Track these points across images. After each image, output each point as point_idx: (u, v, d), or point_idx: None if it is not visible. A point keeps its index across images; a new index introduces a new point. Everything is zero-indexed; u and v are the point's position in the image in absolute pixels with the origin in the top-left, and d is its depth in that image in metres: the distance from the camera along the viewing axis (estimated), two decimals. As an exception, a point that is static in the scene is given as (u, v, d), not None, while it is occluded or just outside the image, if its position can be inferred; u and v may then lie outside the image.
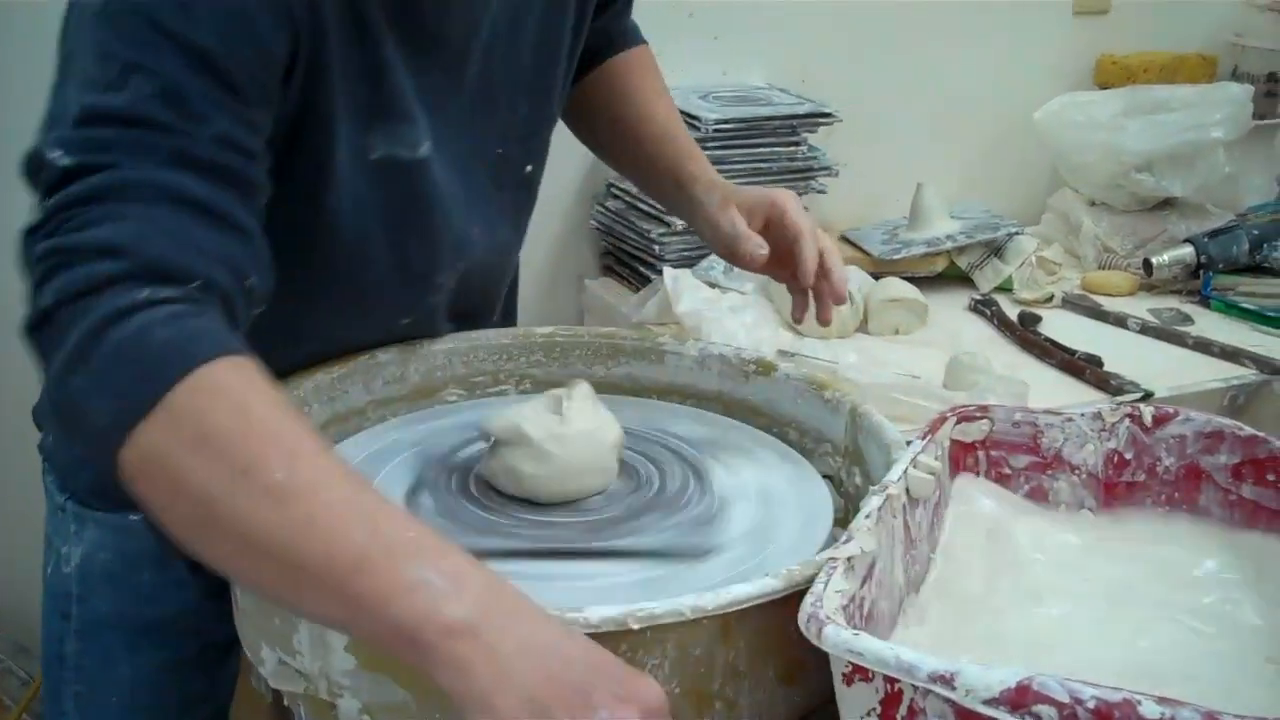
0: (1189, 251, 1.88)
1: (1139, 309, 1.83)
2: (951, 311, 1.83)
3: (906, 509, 0.82)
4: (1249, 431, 0.87)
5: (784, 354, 1.50)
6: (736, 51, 1.97)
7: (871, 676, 0.63)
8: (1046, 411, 0.92)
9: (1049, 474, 0.91)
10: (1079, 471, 0.91)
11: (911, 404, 1.37)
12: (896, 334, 1.73)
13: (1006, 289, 1.88)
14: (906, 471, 0.82)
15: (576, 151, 1.20)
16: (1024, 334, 1.72)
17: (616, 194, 1.86)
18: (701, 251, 1.77)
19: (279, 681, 0.76)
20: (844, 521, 0.88)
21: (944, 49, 2.09)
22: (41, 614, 1.05)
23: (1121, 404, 0.93)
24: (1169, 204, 2.01)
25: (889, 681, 0.62)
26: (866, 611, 0.72)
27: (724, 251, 1.08)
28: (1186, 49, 2.25)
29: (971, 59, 2.12)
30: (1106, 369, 1.60)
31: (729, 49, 1.96)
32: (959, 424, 0.90)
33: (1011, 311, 1.80)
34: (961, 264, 1.90)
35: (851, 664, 0.63)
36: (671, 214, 1.46)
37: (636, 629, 0.67)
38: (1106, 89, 2.13)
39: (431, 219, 0.96)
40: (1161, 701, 0.55)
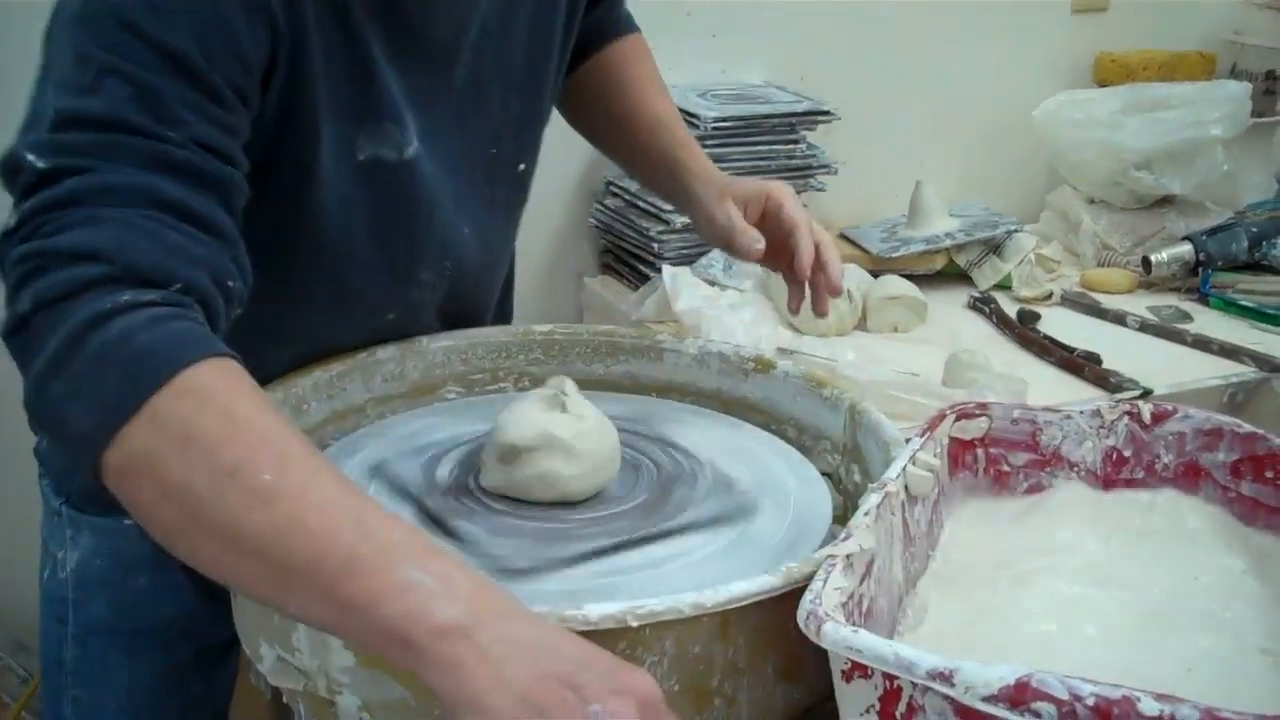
0: (1188, 249, 1.88)
1: (1138, 306, 1.84)
2: (950, 309, 1.83)
3: (905, 506, 0.82)
4: (1248, 429, 0.87)
5: (783, 351, 1.50)
6: (735, 50, 1.96)
7: (871, 673, 0.63)
8: (1045, 409, 0.92)
9: (1048, 471, 0.91)
10: (1078, 469, 0.91)
11: (910, 401, 1.37)
12: (895, 331, 1.73)
13: (1005, 286, 1.88)
14: (905, 469, 0.82)
15: (575, 149, 1.20)
16: (1023, 331, 1.72)
17: (615, 192, 1.86)
18: (700, 249, 1.76)
19: (278, 679, 0.76)
20: (843, 519, 0.88)
21: (943, 46, 2.09)
22: (39, 619, 1.05)
23: (1120, 401, 0.93)
24: (1168, 201, 2.01)
25: (888, 678, 0.62)
26: (865, 609, 0.73)
27: (720, 244, 1.08)
28: (1185, 47, 2.25)
29: (970, 56, 2.12)
30: (1105, 366, 1.60)
31: (727, 47, 1.96)
32: (958, 421, 0.90)
33: (1010, 309, 1.81)
34: (960, 262, 1.91)
35: (851, 661, 0.63)
36: (666, 204, 1.46)
37: (636, 626, 0.67)
38: (1105, 86, 2.13)
39: (418, 219, 0.95)
40: (1160, 698, 0.56)
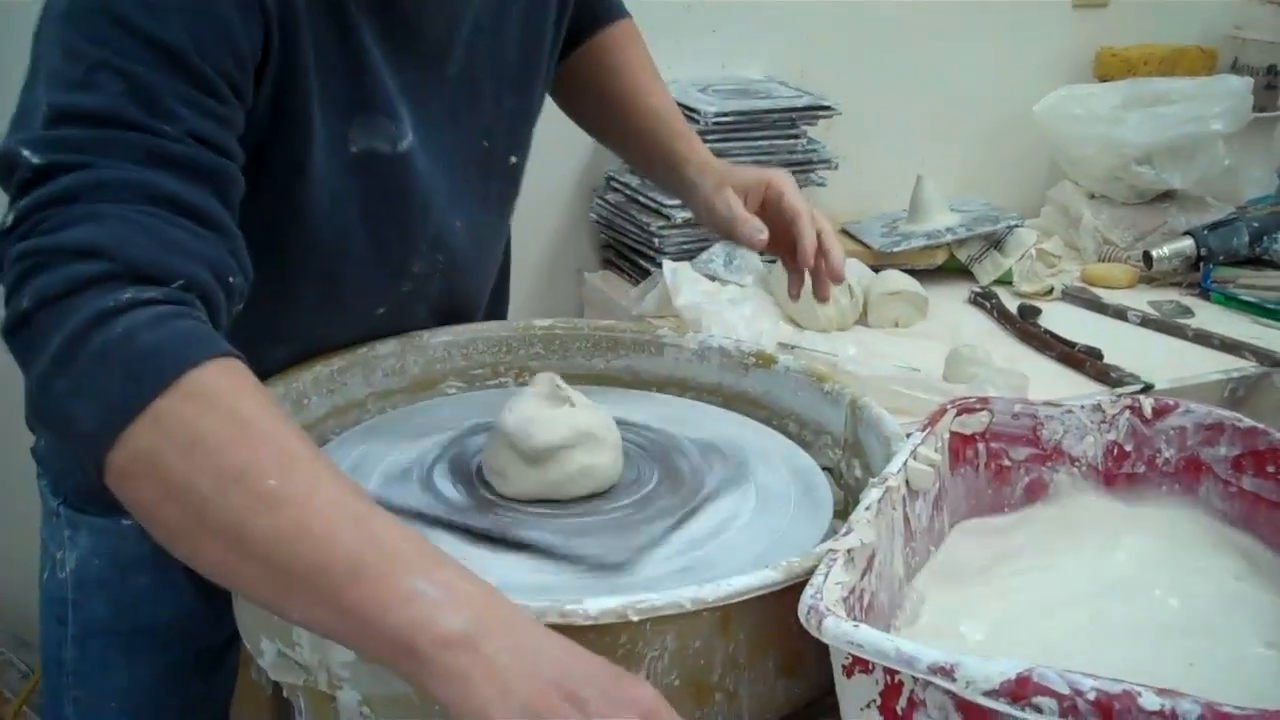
0: (1189, 244, 1.88)
1: (1139, 301, 1.83)
2: (951, 304, 1.83)
3: (906, 501, 0.82)
4: (1249, 423, 0.87)
5: (784, 346, 1.49)
6: (735, 46, 1.96)
7: (872, 668, 0.63)
8: (1046, 404, 0.92)
9: (1049, 466, 0.91)
10: (1079, 463, 0.91)
11: (911, 396, 1.37)
12: (896, 326, 1.73)
13: (1006, 282, 1.88)
14: (906, 464, 0.82)
15: (576, 144, 1.20)
16: (1024, 326, 1.72)
17: (616, 187, 1.86)
18: (701, 244, 1.76)
19: (279, 673, 0.76)
20: (844, 514, 0.88)
21: (943, 41, 2.09)
22: (39, 619, 1.05)
23: (1121, 396, 0.93)
24: (1169, 196, 2.00)
25: (889, 673, 0.62)
26: (866, 603, 0.73)
27: (721, 233, 1.08)
28: (1186, 41, 2.24)
29: (971, 51, 2.12)
30: (1106, 361, 1.59)
31: (728, 43, 1.95)
32: (959, 416, 0.90)
33: (1011, 304, 1.80)
34: (961, 257, 1.90)
35: (851, 656, 0.63)
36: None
37: (636, 621, 0.67)
38: (1106, 81, 2.12)
39: (411, 211, 0.95)
40: (1161, 693, 0.56)
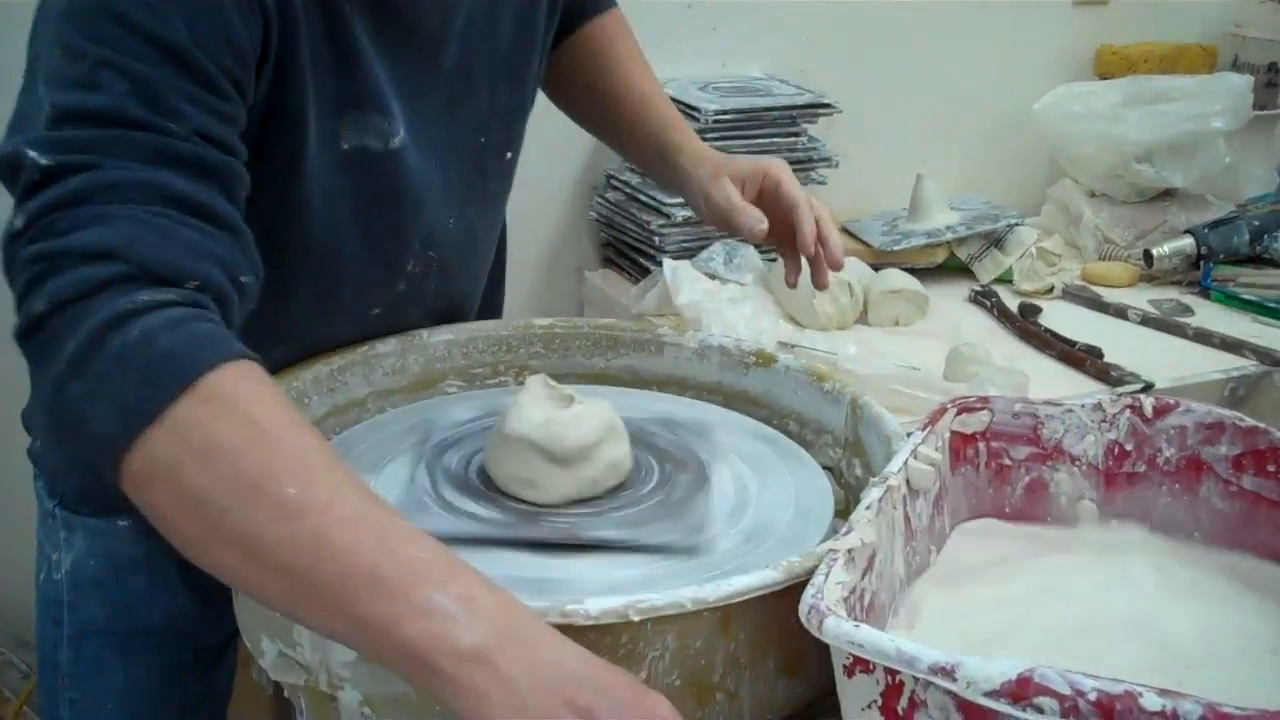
0: (1189, 242, 1.87)
1: (1139, 300, 1.83)
2: (951, 303, 1.82)
3: (907, 500, 0.82)
4: (1250, 422, 0.87)
5: (784, 345, 1.49)
6: (736, 44, 1.96)
7: (872, 668, 0.63)
8: (1047, 403, 0.92)
9: (1049, 465, 0.91)
10: (1079, 463, 0.91)
11: (912, 395, 1.37)
12: (896, 325, 1.73)
13: (1006, 280, 1.88)
14: (907, 463, 0.82)
15: (576, 143, 1.19)
16: (1024, 325, 1.72)
17: (616, 185, 1.86)
18: (701, 243, 1.76)
19: (279, 673, 0.76)
20: (844, 513, 0.88)
21: (943, 39, 2.08)
22: (35, 621, 1.05)
23: (1122, 395, 0.93)
24: (1169, 195, 2.00)
25: (890, 673, 0.62)
26: (867, 603, 0.73)
27: (719, 224, 1.08)
28: (1186, 39, 2.24)
29: (971, 49, 2.12)
30: (1107, 360, 1.59)
31: (728, 42, 1.95)
32: (959, 415, 0.90)
33: (1012, 303, 1.80)
34: (961, 255, 1.90)
35: (852, 656, 0.63)
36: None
37: (637, 621, 0.67)
38: (1106, 79, 2.12)
39: (404, 209, 0.95)
40: (1163, 693, 0.55)
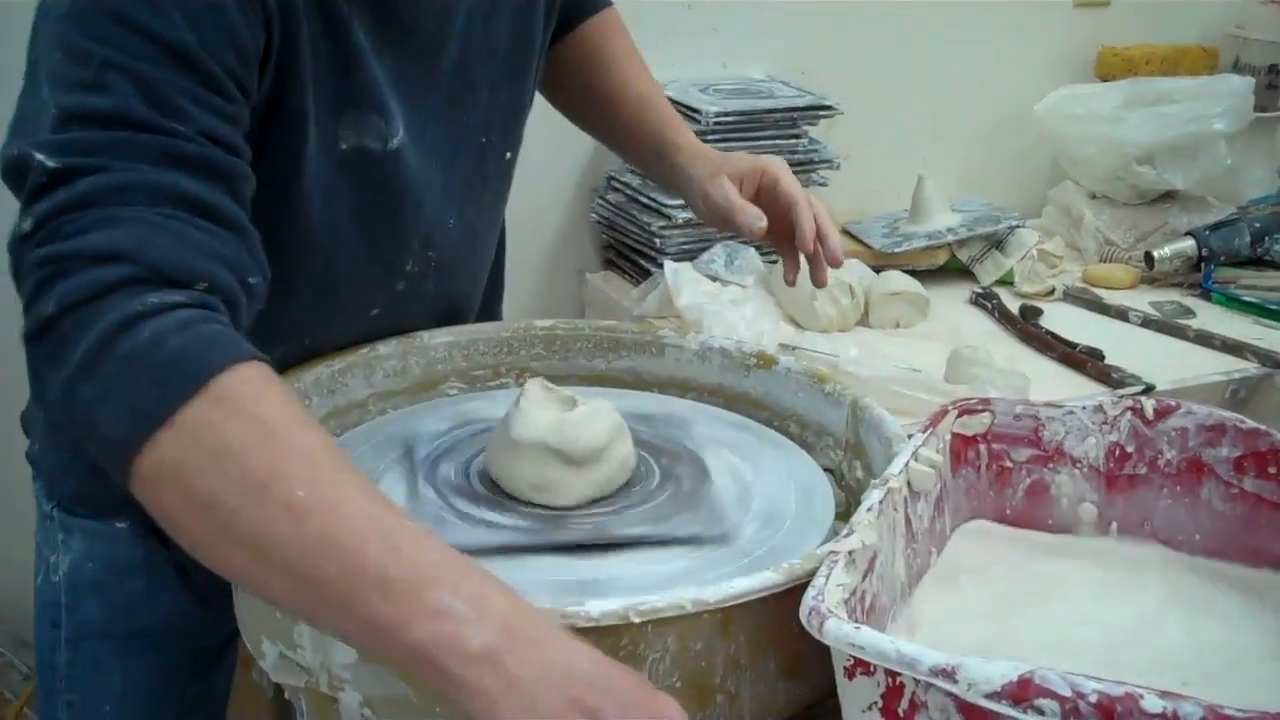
0: (1190, 244, 1.87)
1: (1140, 302, 1.83)
2: (952, 305, 1.82)
3: (908, 502, 0.82)
4: (1251, 424, 0.87)
5: (785, 347, 1.49)
6: (736, 45, 1.96)
7: (873, 670, 0.63)
8: (1048, 404, 0.92)
9: (1050, 467, 0.91)
10: (1080, 464, 0.91)
11: (913, 397, 1.37)
12: (897, 327, 1.73)
13: (1008, 282, 1.88)
14: (908, 465, 0.82)
15: (577, 145, 1.19)
16: (1025, 327, 1.72)
17: (617, 187, 1.86)
18: (702, 245, 1.76)
19: (280, 675, 0.76)
20: (845, 515, 0.88)
21: (944, 41, 2.08)
22: (34, 623, 1.05)
23: (1123, 397, 0.92)
24: (1170, 197, 2.00)
25: (890, 675, 0.62)
26: (868, 605, 0.72)
27: (717, 222, 1.08)
28: (1187, 41, 2.24)
29: (972, 51, 2.11)
30: (1108, 362, 1.59)
31: (729, 43, 1.95)
32: (960, 417, 0.90)
33: (1013, 305, 1.80)
34: (962, 257, 1.90)
35: (853, 657, 0.63)
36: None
37: (638, 623, 0.67)
38: (1107, 81, 2.12)
39: (403, 209, 0.95)
40: (1164, 695, 0.55)
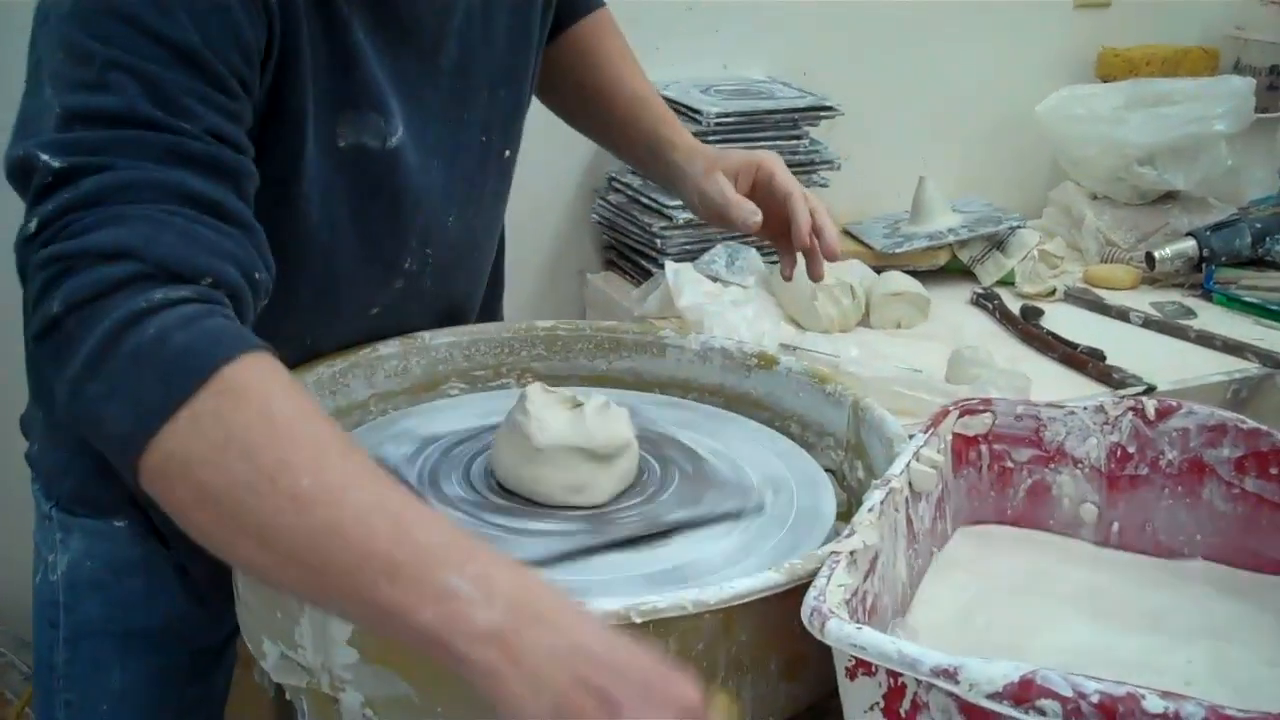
0: (1191, 245, 1.87)
1: (1141, 302, 1.83)
2: (953, 305, 1.82)
3: (909, 502, 0.82)
4: (1252, 425, 0.87)
5: (786, 347, 1.49)
6: (737, 46, 1.96)
7: (875, 671, 0.63)
8: (1049, 405, 0.92)
9: (1051, 467, 0.91)
10: (1082, 465, 0.91)
11: (914, 398, 1.37)
12: (898, 328, 1.73)
13: (1008, 283, 1.87)
14: (909, 465, 0.82)
15: (577, 146, 1.19)
16: (1026, 327, 1.72)
17: (618, 188, 1.86)
18: (703, 245, 1.76)
19: (281, 675, 0.76)
20: (846, 515, 0.88)
21: (945, 42, 2.08)
22: (33, 623, 1.05)
23: (1124, 397, 0.92)
24: (1171, 197, 2.00)
25: (892, 676, 0.62)
26: (869, 605, 0.72)
27: (713, 218, 1.08)
28: (1188, 41, 2.24)
29: (973, 52, 2.12)
30: (1109, 362, 1.59)
31: (729, 43, 1.95)
32: (961, 417, 0.90)
33: (1014, 305, 1.80)
34: (963, 258, 1.90)
35: (855, 658, 0.63)
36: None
37: (639, 623, 0.67)
38: (1108, 82, 2.12)
39: (401, 207, 0.95)
40: (1166, 696, 0.55)
